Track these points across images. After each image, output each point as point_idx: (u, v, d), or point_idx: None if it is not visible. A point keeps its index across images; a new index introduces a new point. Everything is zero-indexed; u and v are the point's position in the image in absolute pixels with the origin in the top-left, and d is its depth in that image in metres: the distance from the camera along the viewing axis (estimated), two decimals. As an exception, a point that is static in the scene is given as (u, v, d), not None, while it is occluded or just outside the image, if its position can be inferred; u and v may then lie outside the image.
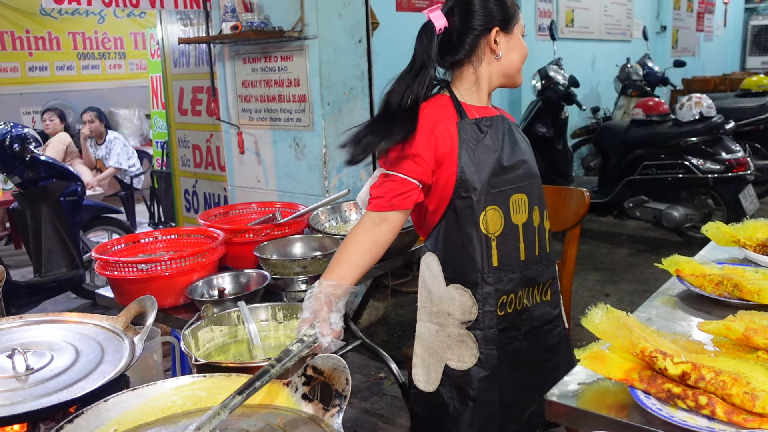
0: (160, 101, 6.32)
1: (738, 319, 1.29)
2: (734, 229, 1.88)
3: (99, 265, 2.02)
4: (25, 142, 3.93)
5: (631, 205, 5.08)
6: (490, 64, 1.62)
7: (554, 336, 1.72)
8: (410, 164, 1.54)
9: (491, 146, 1.59)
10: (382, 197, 1.55)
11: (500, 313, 1.59)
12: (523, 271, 1.63)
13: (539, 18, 6.44)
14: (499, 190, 1.58)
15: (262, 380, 1.08)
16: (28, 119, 7.68)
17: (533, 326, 1.67)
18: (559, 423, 1.20)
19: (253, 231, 2.28)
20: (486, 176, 1.56)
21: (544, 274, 1.68)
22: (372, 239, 1.55)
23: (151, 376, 1.56)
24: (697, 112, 4.79)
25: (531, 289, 1.65)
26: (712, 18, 11.22)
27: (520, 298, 1.62)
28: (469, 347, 1.60)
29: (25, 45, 7.77)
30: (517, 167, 1.62)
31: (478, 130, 1.59)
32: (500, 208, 1.58)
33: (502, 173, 1.59)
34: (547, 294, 1.70)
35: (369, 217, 1.56)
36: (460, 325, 1.60)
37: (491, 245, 1.57)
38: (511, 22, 1.61)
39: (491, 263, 1.58)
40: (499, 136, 1.62)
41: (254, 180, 3.80)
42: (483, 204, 1.56)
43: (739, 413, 1.04)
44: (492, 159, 1.58)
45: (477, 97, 1.65)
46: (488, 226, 1.57)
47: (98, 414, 1.03)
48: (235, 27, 3.30)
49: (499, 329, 1.60)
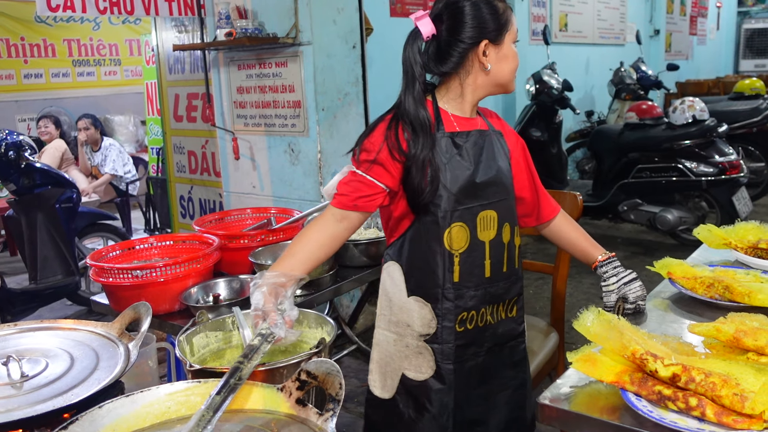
0: (155, 108, 6.33)
1: (728, 321, 1.30)
2: (725, 232, 1.90)
3: (94, 271, 2.03)
4: (21, 149, 3.93)
5: (626, 208, 5.10)
6: (478, 76, 1.56)
7: (519, 352, 1.70)
8: (379, 168, 1.52)
9: (464, 162, 1.54)
10: (347, 195, 1.54)
11: (459, 329, 1.56)
12: (488, 287, 1.59)
13: (533, 22, 6.46)
14: (466, 207, 1.54)
15: (235, 377, 1.11)
16: (23, 126, 7.67)
17: (497, 343, 1.64)
18: (552, 426, 1.21)
19: (248, 237, 2.28)
20: (454, 193, 1.52)
21: (510, 290, 1.64)
22: (330, 234, 1.55)
23: (146, 382, 1.56)
24: (690, 115, 4.81)
25: (496, 306, 1.62)
26: (705, 21, 11.27)
27: (483, 314, 1.59)
28: (426, 359, 1.58)
29: (20, 52, 7.77)
30: (490, 184, 1.57)
31: (453, 145, 1.54)
32: (466, 225, 1.55)
33: (474, 190, 1.55)
34: (512, 310, 1.66)
35: (331, 212, 1.55)
36: (419, 337, 1.58)
37: (454, 261, 1.54)
38: (501, 33, 1.54)
39: (452, 279, 1.55)
40: (475, 151, 1.56)
41: (249, 186, 3.80)
42: (448, 221, 1.53)
43: (729, 414, 1.05)
44: (464, 176, 1.54)
45: (460, 108, 1.60)
46: (452, 243, 1.54)
47: (93, 420, 1.03)
48: (230, 34, 3.30)
49: (457, 345, 1.57)
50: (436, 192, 1.51)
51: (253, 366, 1.18)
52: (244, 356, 1.21)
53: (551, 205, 1.81)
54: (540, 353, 2.18)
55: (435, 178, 1.51)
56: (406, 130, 1.51)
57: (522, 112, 5.63)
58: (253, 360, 1.20)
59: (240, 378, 1.12)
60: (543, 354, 2.18)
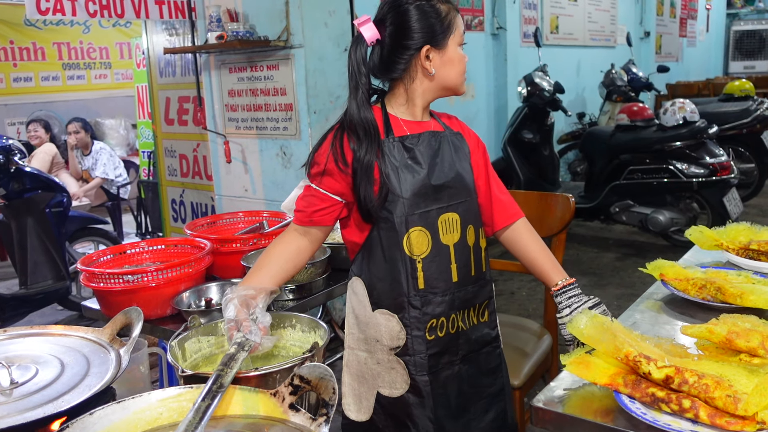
0: (146, 111, 6.31)
1: (721, 322, 1.30)
2: (717, 233, 1.91)
3: (85, 276, 2.01)
4: (10, 153, 3.90)
5: (618, 209, 5.12)
6: (423, 81, 1.53)
7: (494, 358, 1.66)
8: (329, 180, 1.51)
9: (416, 166, 1.51)
10: (303, 211, 1.54)
11: (430, 338, 1.52)
12: (456, 292, 1.54)
13: (524, 25, 6.48)
14: (424, 210, 1.50)
15: (216, 384, 1.11)
16: (12, 130, 7.63)
17: (471, 349, 1.60)
18: (546, 429, 1.21)
19: (240, 240, 2.27)
20: (408, 197, 1.49)
21: (480, 294, 1.60)
22: (296, 249, 1.55)
23: (138, 387, 1.55)
24: (680, 116, 4.84)
25: (466, 311, 1.57)
26: (695, 24, 11.35)
27: (454, 320, 1.55)
28: (399, 374, 1.54)
29: (10, 56, 7.72)
30: (448, 186, 1.53)
31: (404, 149, 1.51)
32: (426, 229, 1.51)
33: (430, 193, 1.51)
34: (484, 315, 1.62)
35: (293, 227, 1.56)
36: (389, 351, 1.54)
37: (417, 267, 1.50)
38: (445, 36, 1.49)
39: (417, 286, 1.50)
40: (429, 152, 1.53)
41: (241, 189, 3.79)
42: (406, 226, 1.49)
43: (722, 416, 1.06)
44: (417, 179, 1.50)
45: (410, 112, 1.57)
46: (413, 248, 1.50)
47: (84, 427, 1.02)
48: (221, 37, 3.30)
49: (429, 354, 1.52)
50: (386, 198, 1.48)
51: (233, 374, 1.18)
52: (223, 364, 1.20)
53: (507, 212, 1.70)
54: (533, 355, 2.18)
55: (384, 184, 1.48)
56: (351, 138, 1.49)
57: (514, 114, 5.64)
58: (233, 368, 1.20)
59: (221, 385, 1.11)
60: (537, 356, 2.18)
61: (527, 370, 2.11)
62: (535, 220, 2.39)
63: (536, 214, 2.40)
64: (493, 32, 6.17)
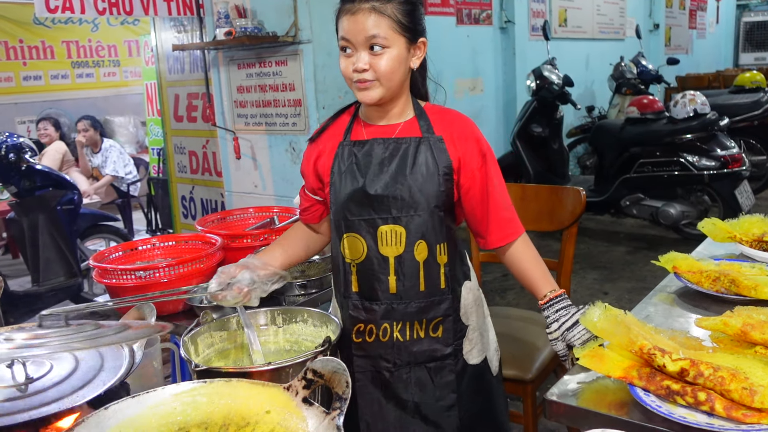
0: (155, 108, 6.33)
1: (735, 314, 1.29)
2: (730, 225, 1.89)
3: (97, 272, 2.02)
4: (21, 151, 3.92)
5: (628, 203, 5.09)
6: None
7: (446, 374, 1.55)
8: (307, 180, 1.62)
9: (356, 172, 1.48)
10: (299, 209, 1.68)
11: (356, 340, 1.54)
12: (394, 304, 1.50)
13: (532, 18, 6.45)
14: (360, 218, 1.48)
15: None
16: (23, 129, 7.67)
17: (410, 361, 1.53)
18: (559, 422, 1.21)
19: (251, 236, 2.28)
20: (342, 203, 1.49)
21: (431, 310, 1.52)
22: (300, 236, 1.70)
23: (151, 383, 1.56)
24: (691, 109, 4.80)
25: (409, 323, 1.51)
26: (705, 15, 11.25)
27: (386, 330, 1.51)
28: None
29: (19, 54, 7.76)
30: (391, 198, 1.46)
31: (352, 154, 1.50)
32: (361, 237, 1.48)
33: (368, 202, 1.47)
34: (437, 330, 1.53)
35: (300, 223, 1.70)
36: None
37: (351, 271, 1.52)
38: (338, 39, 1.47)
39: (351, 289, 1.53)
40: (369, 160, 1.48)
41: (251, 185, 3.80)
42: (342, 230, 1.51)
43: (738, 408, 1.05)
44: (353, 186, 1.48)
45: (367, 113, 1.55)
46: (347, 253, 1.51)
47: (99, 422, 1.03)
48: (229, 33, 3.30)
49: (355, 355, 1.54)
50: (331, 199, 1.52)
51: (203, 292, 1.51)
52: None
53: (506, 230, 1.57)
54: (545, 349, 2.17)
55: (332, 184, 1.52)
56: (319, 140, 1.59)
57: (523, 108, 5.62)
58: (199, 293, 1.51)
59: None
60: (548, 350, 2.18)
61: (539, 363, 2.10)
62: (545, 213, 2.39)
63: (547, 207, 2.39)
64: (501, 26, 6.15)
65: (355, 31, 1.39)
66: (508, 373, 2.06)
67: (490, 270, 4.59)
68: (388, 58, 1.40)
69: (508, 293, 4.29)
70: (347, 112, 1.61)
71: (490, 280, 4.48)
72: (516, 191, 2.51)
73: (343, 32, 1.42)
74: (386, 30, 1.39)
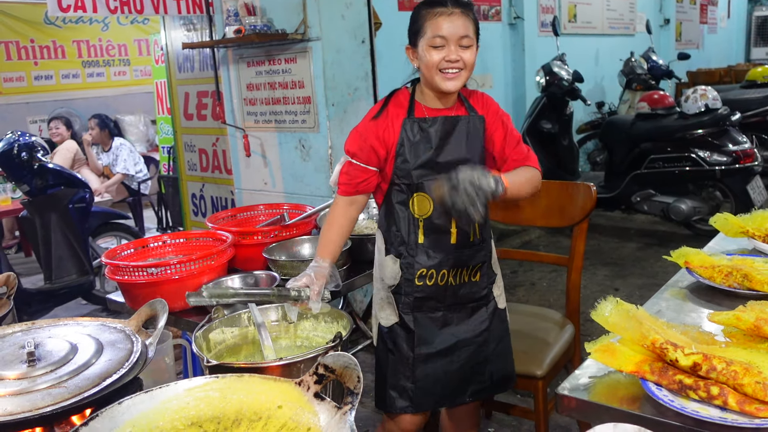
0: (165, 107, 6.35)
1: (748, 309, 1.29)
2: (743, 220, 1.88)
3: (109, 269, 2.04)
4: (33, 150, 3.95)
5: (639, 199, 5.07)
6: (421, 75, 1.78)
7: (482, 313, 1.88)
8: (368, 154, 1.78)
9: (427, 143, 1.76)
10: (348, 183, 1.81)
11: (418, 284, 1.80)
12: (451, 253, 1.79)
13: (542, 14, 6.42)
14: (430, 179, 1.74)
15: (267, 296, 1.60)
16: (34, 128, 7.72)
17: (456, 302, 1.84)
18: (570, 416, 1.20)
19: (261, 233, 2.29)
20: (417, 167, 1.75)
21: (475, 257, 1.84)
22: (349, 219, 1.85)
23: (163, 378, 1.57)
24: (702, 104, 4.77)
25: (458, 270, 1.81)
26: (716, 10, 11.17)
27: (444, 275, 1.80)
28: (392, 308, 1.83)
29: (30, 54, 7.82)
30: (453, 164, 1.73)
31: (419, 128, 1.77)
32: (429, 195, 1.75)
33: (436, 167, 1.76)
34: (476, 275, 1.86)
35: (341, 199, 1.84)
36: (387, 289, 1.84)
37: (419, 225, 1.78)
38: (416, 38, 1.74)
39: (417, 240, 1.79)
40: (439, 135, 1.77)
41: (261, 182, 3.81)
42: (412, 190, 1.77)
43: (752, 403, 1.04)
44: (425, 154, 1.76)
45: (426, 98, 1.81)
46: (416, 209, 1.78)
47: (113, 416, 1.04)
48: (239, 31, 3.30)
49: (415, 297, 1.80)
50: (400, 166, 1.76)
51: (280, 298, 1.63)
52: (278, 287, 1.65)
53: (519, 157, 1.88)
54: (556, 345, 2.17)
55: (400, 154, 1.76)
56: None
57: (532, 104, 5.60)
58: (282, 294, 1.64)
59: None
60: (559, 346, 2.17)
61: (550, 360, 2.10)
62: (556, 209, 2.38)
63: (557, 203, 2.39)
64: (510, 22, 6.13)
65: (452, 29, 1.69)
66: (519, 369, 2.06)
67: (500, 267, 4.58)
68: (472, 52, 1.73)
69: (517, 290, 4.28)
70: (395, 98, 1.83)
71: (500, 276, 4.47)
72: (526, 187, 2.51)
73: (438, 31, 1.69)
74: (472, 31, 1.73)
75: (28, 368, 1.19)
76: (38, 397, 1.12)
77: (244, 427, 1.06)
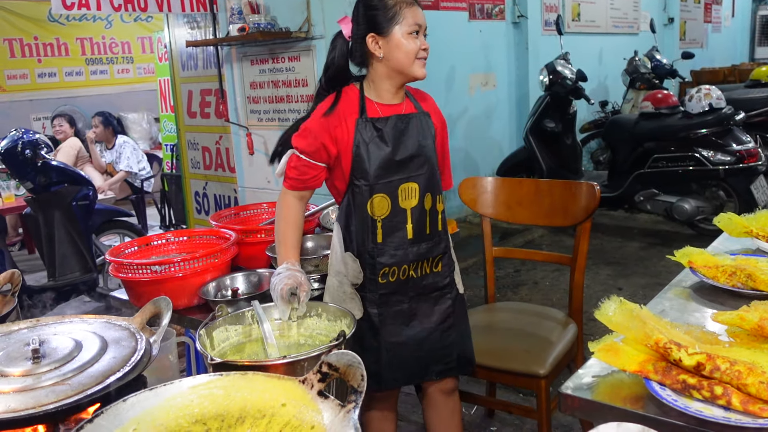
0: (168, 104, 6.36)
1: (752, 309, 1.29)
2: (746, 220, 1.88)
3: (113, 267, 2.04)
4: (37, 147, 3.96)
5: (642, 198, 5.06)
6: (378, 64, 1.78)
7: (445, 300, 1.92)
8: (318, 151, 1.77)
9: (383, 143, 1.78)
10: (297, 179, 1.82)
11: (381, 281, 1.82)
12: (410, 247, 1.83)
13: (545, 13, 6.42)
14: (387, 180, 1.78)
15: None
16: (38, 125, 7.74)
17: (421, 293, 1.87)
18: (574, 415, 1.20)
19: (264, 231, 2.29)
20: (374, 169, 1.77)
21: (434, 249, 1.88)
22: (301, 214, 1.87)
23: (167, 376, 1.57)
24: (706, 103, 4.76)
25: (419, 263, 1.85)
26: (720, 9, 11.14)
27: (405, 270, 1.84)
28: (357, 304, 1.85)
29: (34, 52, 7.83)
30: (410, 160, 1.80)
31: (374, 128, 1.78)
32: (387, 196, 1.79)
33: (394, 167, 1.79)
34: (438, 266, 1.90)
35: (290, 194, 1.84)
36: (351, 285, 1.85)
37: (377, 226, 1.80)
38: (388, 25, 1.73)
39: (375, 240, 1.80)
40: (395, 133, 1.80)
41: (264, 180, 3.81)
42: (371, 192, 1.78)
43: (755, 402, 1.04)
44: (382, 154, 1.77)
45: (377, 94, 1.82)
46: (374, 211, 1.79)
47: (117, 413, 1.04)
48: (243, 29, 3.31)
49: (380, 293, 1.83)
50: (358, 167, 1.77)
51: None
52: None
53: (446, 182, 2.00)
54: (559, 344, 2.17)
55: (357, 155, 1.77)
56: None
57: (536, 103, 5.59)
58: None
59: None
60: (562, 345, 2.17)
61: (552, 359, 2.10)
62: (559, 208, 2.38)
63: (560, 202, 2.39)
64: (514, 21, 6.12)
65: (422, 19, 1.75)
66: (522, 368, 2.06)
67: (502, 266, 4.58)
68: None
69: (520, 289, 4.28)
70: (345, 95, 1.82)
71: (502, 275, 4.47)
72: (529, 186, 2.51)
73: (417, 19, 1.74)
74: None
75: (33, 365, 1.19)
76: (42, 395, 1.12)
77: (248, 424, 1.06)
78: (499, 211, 2.53)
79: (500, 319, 2.40)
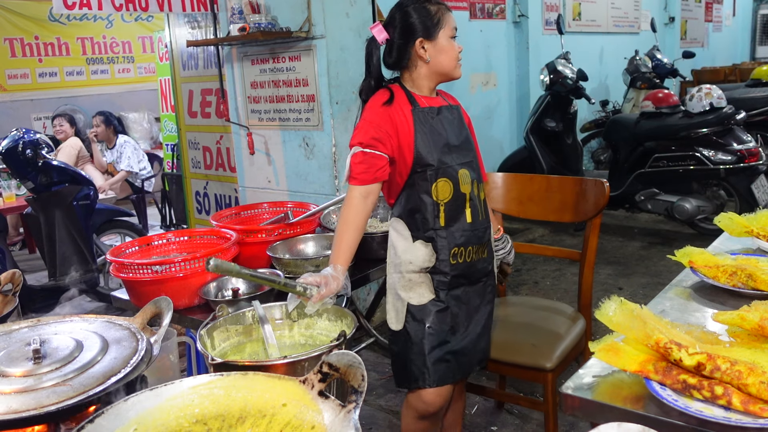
0: (169, 104, 6.35)
1: (753, 309, 1.29)
2: (747, 220, 1.88)
3: (114, 267, 2.04)
4: (38, 147, 3.96)
5: (643, 198, 5.05)
6: (422, 67, 1.90)
7: (488, 286, 2.03)
8: (384, 141, 1.83)
9: (439, 130, 1.89)
10: (365, 172, 1.83)
11: (453, 262, 1.90)
12: (469, 231, 1.92)
13: (546, 12, 6.41)
14: (448, 165, 1.88)
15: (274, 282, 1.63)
16: (38, 125, 7.73)
17: (476, 277, 1.98)
18: (574, 415, 1.20)
19: (265, 231, 2.29)
20: (437, 154, 1.86)
21: (485, 235, 1.99)
22: (364, 215, 1.86)
23: (168, 376, 1.57)
24: (707, 103, 4.75)
25: (476, 247, 1.95)
26: (721, 8, 11.13)
27: (470, 252, 1.93)
28: (427, 287, 1.91)
29: (35, 51, 7.83)
30: (461, 147, 1.93)
31: (429, 116, 1.90)
32: (450, 180, 1.88)
33: (450, 152, 1.90)
34: (485, 252, 2.00)
35: (357, 192, 1.84)
36: (420, 270, 1.90)
37: (440, 209, 1.88)
38: (435, 30, 1.86)
39: (439, 224, 1.88)
40: (445, 122, 1.92)
41: (265, 180, 3.81)
42: (436, 176, 1.86)
43: (756, 402, 1.04)
44: (441, 140, 1.89)
45: (420, 91, 1.93)
46: (438, 194, 1.87)
47: (118, 413, 1.04)
48: (243, 28, 3.31)
49: (452, 275, 1.90)
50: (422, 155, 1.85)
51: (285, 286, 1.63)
52: None
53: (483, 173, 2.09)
54: (567, 338, 2.18)
55: (419, 143, 1.85)
56: None
57: (536, 103, 5.59)
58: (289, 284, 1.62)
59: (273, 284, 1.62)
60: (570, 339, 2.18)
61: (560, 352, 2.11)
62: (569, 205, 2.39)
63: (570, 199, 2.39)
64: (514, 20, 6.12)
65: (455, 23, 1.91)
66: (529, 362, 2.07)
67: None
68: None
69: (521, 288, 4.28)
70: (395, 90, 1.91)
71: (503, 275, 4.47)
72: (541, 182, 2.52)
73: (454, 24, 1.90)
74: None
75: (34, 365, 1.19)
76: (44, 395, 1.12)
77: (249, 424, 1.06)
78: (510, 206, 2.54)
79: (510, 313, 2.41)
